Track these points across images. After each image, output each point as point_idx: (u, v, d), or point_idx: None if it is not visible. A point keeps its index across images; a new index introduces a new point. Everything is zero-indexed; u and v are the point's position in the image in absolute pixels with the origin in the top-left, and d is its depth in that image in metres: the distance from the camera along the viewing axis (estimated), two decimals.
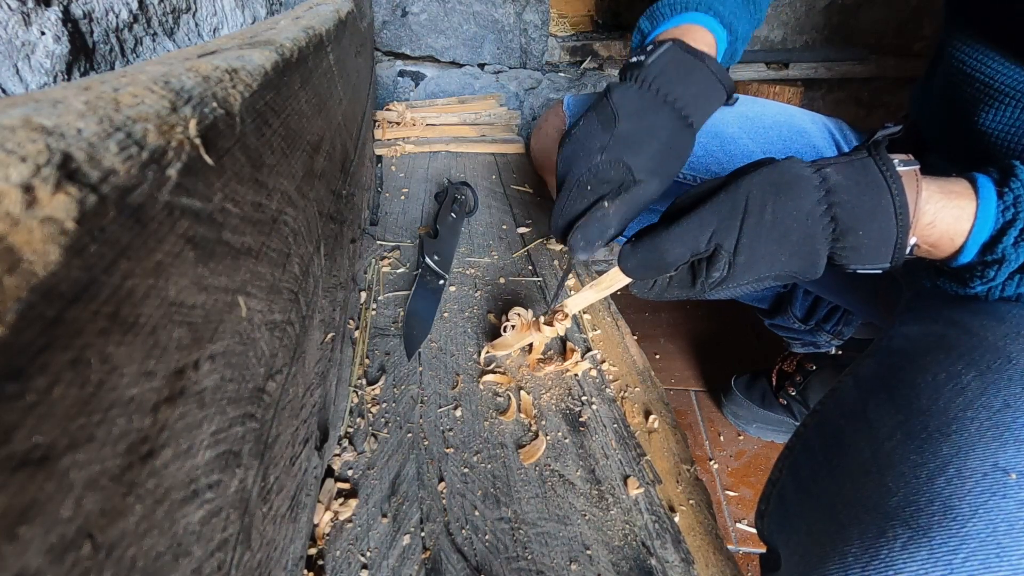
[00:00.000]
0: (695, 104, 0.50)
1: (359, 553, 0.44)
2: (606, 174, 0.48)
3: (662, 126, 0.49)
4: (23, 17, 0.45)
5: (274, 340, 0.32)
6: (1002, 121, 0.52)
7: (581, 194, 0.49)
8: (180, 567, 0.20)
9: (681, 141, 0.50)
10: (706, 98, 0.51)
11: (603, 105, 0.49)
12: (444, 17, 1.30)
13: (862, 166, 0.42)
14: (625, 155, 0.48)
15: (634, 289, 0.49)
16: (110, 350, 0.16)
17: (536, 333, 0.60)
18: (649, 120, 0.48)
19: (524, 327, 0.61)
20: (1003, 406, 0.39)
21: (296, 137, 0.39)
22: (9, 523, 0.12)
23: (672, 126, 0.49)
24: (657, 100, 0.49)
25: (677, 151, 0.50)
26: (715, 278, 0.43)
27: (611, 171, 0.48)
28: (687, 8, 0.56)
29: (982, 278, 0.43)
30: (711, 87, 0.51)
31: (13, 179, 0.13)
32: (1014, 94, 0.51)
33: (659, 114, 0.49)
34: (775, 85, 1.33)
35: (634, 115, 0.48)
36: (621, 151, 0.48)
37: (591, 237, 0.49)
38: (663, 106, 0.49)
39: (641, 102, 0.49)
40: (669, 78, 0.49)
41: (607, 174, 0.48)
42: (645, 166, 0.48)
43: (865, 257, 0.42)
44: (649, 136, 0.48)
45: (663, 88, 0.49)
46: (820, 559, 0.40)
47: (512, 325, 0.62)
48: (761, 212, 0.41)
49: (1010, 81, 0.51)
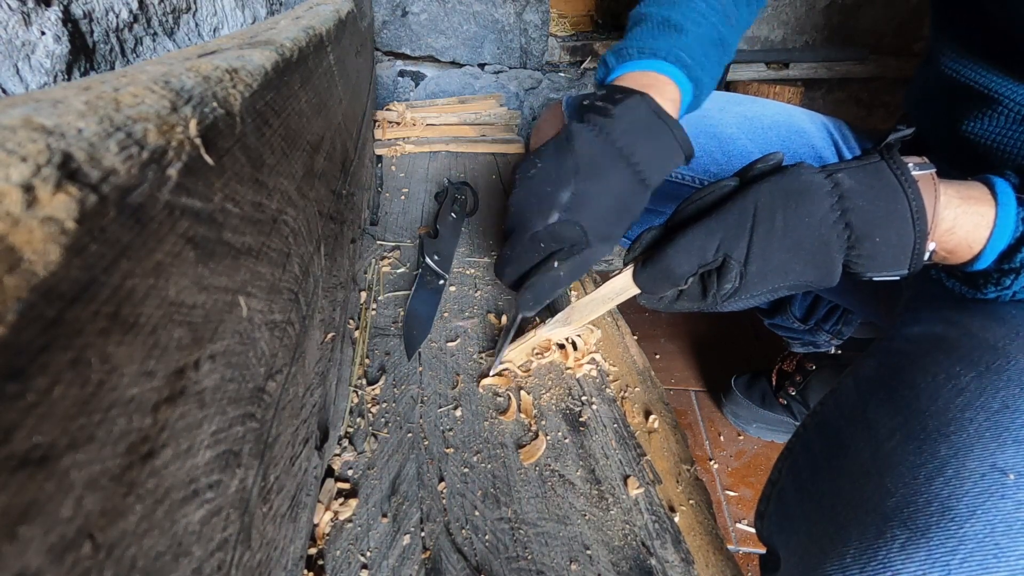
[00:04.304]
0: (654, 166, 0.50)
1: (359, 553, 0.44)
2: (561, 234, 0.48)
3: (620, 186, 0.49)
4: (23, 17, 0.45)
5: (274, 340, 0.32)
6: (992, 129, 0.52)
7: (534, 248, 0.49)
8: (180, 567, 0.20)
9: (635, 202, 0.50)
10: (666, 161, 0.51)
11: (564, 151, 0.49)
12: (444, 17, 1.30)
13: (875, 170, 0.41)
14: (582, 217, 0.48)
15: (642, 300, 0.49)
16: (110, 350, 0.16)
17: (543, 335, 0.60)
18: (609, 179, 0.48)
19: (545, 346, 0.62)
20: (1002, 407, 0.39)
21: (296, 137, 0.39)
22: (9, 523, 0.12)
23: (630, 187, 0.49)
24: (619, 158, 0.48)
25: (630, 213, 0.50)
26: (727, 289, 0.42)
27: (567, 232, 0.48)
28: (655, 55, 0.55)
29: (997, 285, 0.43)
30: (673, 152, 0.51)
31: (13, 179, 0.13)
32: (1005, 102, 0.50)
33: (619, 173, 0.48)
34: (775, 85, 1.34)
35: (595, 171, 0.48)
36: (579, 212, 0.48)
37: (541, 296, 0.50)
38: (624, 165, 0.48)
39: (603, 156, 0.48)
40: (634, 138, 0.49)
41: (562, 234, 0.48)
42: (599, 231, 0.49)
43: (882, 264, 0.41)
44: (607, 197, 0.48)
45: (627, 147, 0.48)
46: (819, 559, 0.40)
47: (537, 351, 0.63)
48: (771, 220, 0.41)
49: (1001, 90, 0.50)
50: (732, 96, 0.76)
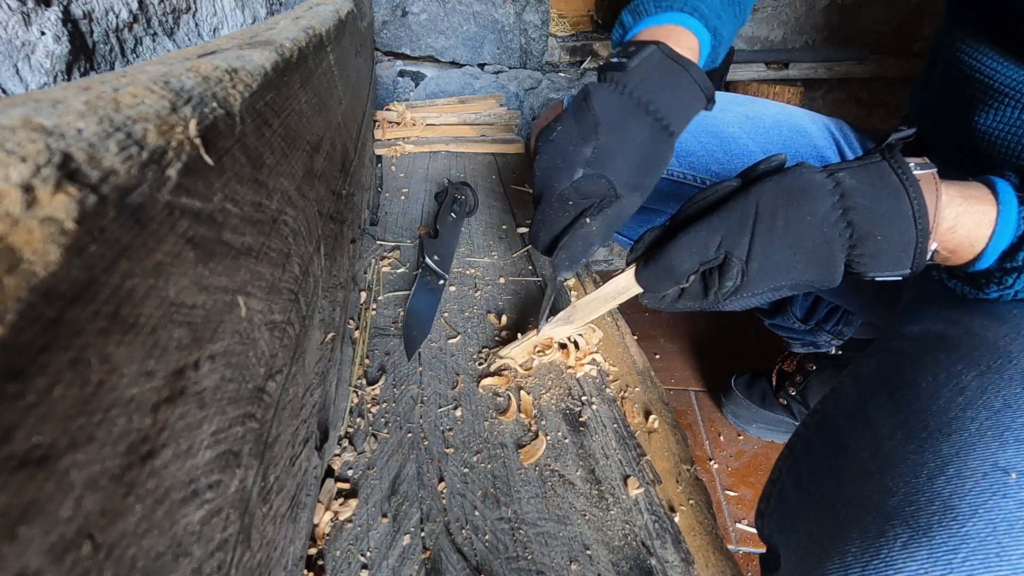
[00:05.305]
0: (676, 112, 0.49)
1: (359, 553, 0.44)
2: (588, 189, 0.47)
3: (643, 136, 0.48)
4: (23, 17, 0.45)
5: (274, 340, 0.32)
6: (1001, 121, 0.52)
7: (563, 208, 0.49)
8: (180, 567, 0.20)
9: (661, 151, 0.49)
10: (687, 106, 0.50)
11: (583, 110, 0.48)
12: (444, 17, 1.30)
13: (877, 170, 0.41)
14: (607, 170, 0.47)
15: (644, 299, 0.49)
16: (110, 350, 0.16)
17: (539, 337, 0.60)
18: (630, 130, 0.48)
19: (547, 344, 0.62)
20: (1003, 406, 0.39)
21: (296, 137, 0.39)
22: (9, 523, 0.12)
23: (653, 136, 0.48)
24: (639, 108, 0.48)
25: (657, 161, 0.49)
26: (728, 288, 0.42)
27: (593, 186, 0.47)
28: (672, 7, 0.55)
29: (999, 285, 0.43)
30: (693, 95, 0.50)
31: (13, 179, 0.13)
32: (1013, 94, 0.50)
33: (640, 123, 0.48)
34: (775, 85, 1.33)
35: (615, 124, 0.47)
36: (603, 166, 0.47)
37: (576, 255, 0.50)
38: (644, 115, 0.48)
39: (622, 109, 0.48)
40: (651, 85, 0.48)
41: (589, 189, 0.47)
42: (626, 181, 0.48)
43: (884, 264, 0.41)
44: (630, 148, 0.47)
45: (645, 95, 0.48)
46: (820, 559, 0.40)
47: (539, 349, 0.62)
48: (773, 219, 0.41)
49: (1009, 81, 0.50)
50: (733, 96, 0.76)
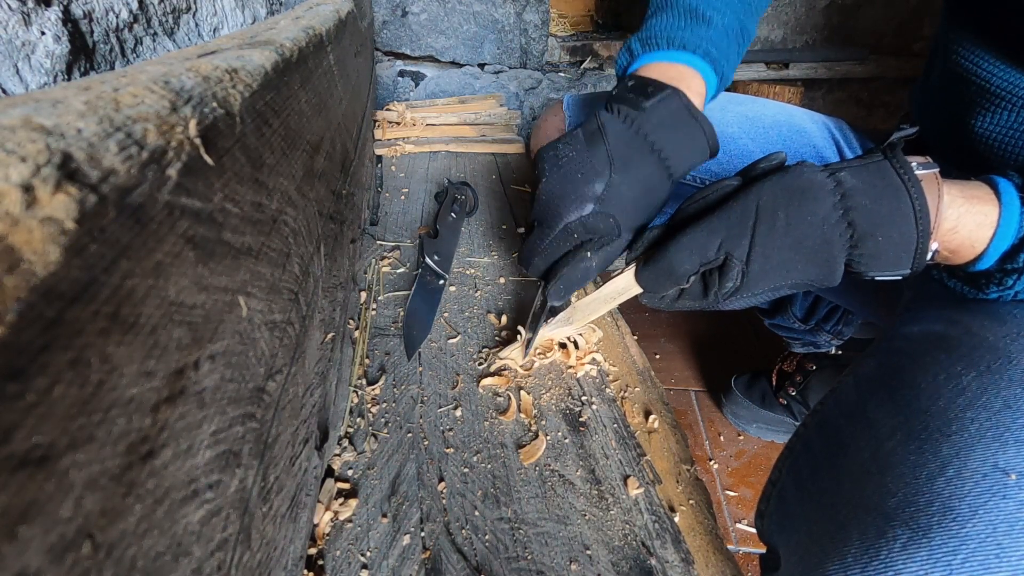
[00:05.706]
0: (681, 161, 0.50)
1: (359, 553, 0.44)
2: (596, 226, 0.48)
3: (648, 179, 0.49)
4: (23, 17, 0.45)
5: (274, 340, 0.32)
6: (998, 124, 0.52)
7: (566, 239, 0.49)
8: (180, 567, 0.20)
9: (660, 194, 0.50)
10: (692, 157, 0.51)
11: (597, 141, 0.49)
12: (444, 17, 1.30)
13: (878, 169, 0.41)
14: (615, 209, 0.48)
15: (644, 299, 0.49)
16: (110, 350, 0.16)
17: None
18: (640, 171, 0.49)
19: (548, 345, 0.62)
20: (1003, 407, 0.39)
21: (296, 137, 0.39)
22: (9, 523, 0.12)
23: (657, 180, 0.49)
24: (650, 152, 0.49)
25: (655, 205, 0.51)
26: (728, 288, 0.43)
27: (601, 224, 0.48)
28: (685, 47, 0.55)
29: (1000, 285, 0.43)
30: (700, 148, 0.51)
31: (13, 179, 0.13)
32: (1010, 98, 0.50)
33: (647, 166, 0.49)
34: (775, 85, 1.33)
35: (627, 163, 0.48)
36: (613, 205, 0.48)
37: (572, 287, 0.50)
38: (654, 160, 0.49)
39: (632, 150, 0.48)
40: (665, 133, 0.49)
41: (597, 226, 0.48)
42: (630, 223, 0.49)
43: (884, 263, 0.41)
44: (636, 189, 0.48)
45: (658, 141, 0.49)
46: (820, 559, 0.40)
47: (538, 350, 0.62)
48: (773, 219, 0.41)
49: (1006, 85, 0.50)
50: (733, 96, 0.76)
